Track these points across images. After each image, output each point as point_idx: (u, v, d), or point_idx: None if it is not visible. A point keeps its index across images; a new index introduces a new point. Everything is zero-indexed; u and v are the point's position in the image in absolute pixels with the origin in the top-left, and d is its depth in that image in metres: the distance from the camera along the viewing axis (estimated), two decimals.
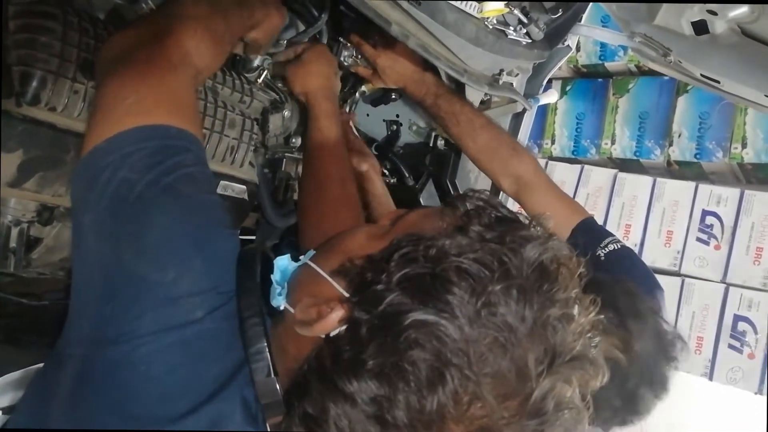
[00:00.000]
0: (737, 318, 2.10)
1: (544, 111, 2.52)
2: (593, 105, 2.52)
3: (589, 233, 1.01)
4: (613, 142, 2.45)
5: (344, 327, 0.50)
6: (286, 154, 1.01)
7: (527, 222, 0.52)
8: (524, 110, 1.46)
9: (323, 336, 0.51)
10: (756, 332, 2.09)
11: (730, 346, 2.09)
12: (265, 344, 0.52)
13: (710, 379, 2.08)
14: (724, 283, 2.14)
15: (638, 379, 0.75)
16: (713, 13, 1.10)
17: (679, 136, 2.31)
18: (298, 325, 0.53)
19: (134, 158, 0.55)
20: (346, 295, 0.51)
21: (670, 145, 2.33)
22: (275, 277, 0.58)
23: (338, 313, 0.50)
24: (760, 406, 2.04)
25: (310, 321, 0.51)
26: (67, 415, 0.53)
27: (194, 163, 0.58)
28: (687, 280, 2.17)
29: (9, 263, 0.74)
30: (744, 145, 2.20)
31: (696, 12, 1.13)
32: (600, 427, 0.75)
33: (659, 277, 2.34)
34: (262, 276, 0.59)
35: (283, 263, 0.59)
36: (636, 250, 2.26)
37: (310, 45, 1.05)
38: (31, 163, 0.69)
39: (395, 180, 1.39)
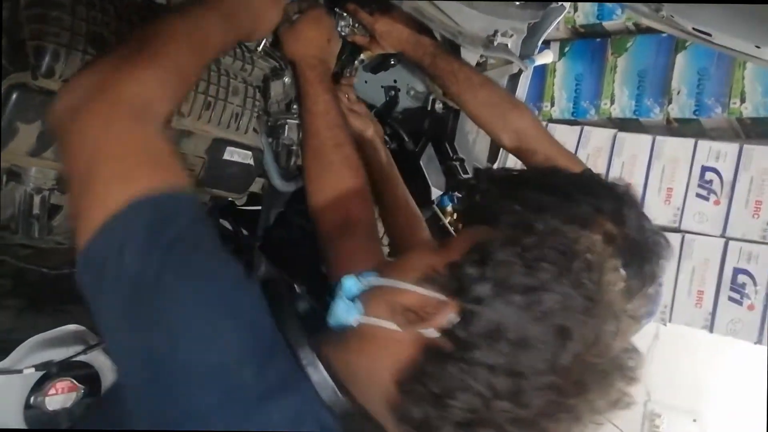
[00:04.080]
0: (737, 271, 2.13)
1: (542, 73, 2.52)
2: (592, 65, 2.52)
3: None
4: (612, 102, 2.45)
5: (455, 321, 0.54)
6: (288, 121, 1.04)
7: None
8: (520, 71, 1.48)
9: (427, 335, 0.54)
10: (755, 284, 2.12)
11: (730, 299, 2.13)
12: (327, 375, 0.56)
13: (711, 331, 2.13)
14: (724, 237, 2.17)
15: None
16: None
17: (678, 93, 2.31)
18: (403, 326, 0.56)
19: (132, 247, 0.52)
20: (444, 297, 0.55)
21: (669, 102, 2.33)
22: (346, 295, 0.61)
23: (449, 307, 0.54)
24: (759, 355, 2.09)
25: (414, 321, 0.55)
26: None
27: (189, 224, 0.55)
28: (687, 235, 2.20)
29: (33, 229, 0.79)
30: (743, 100, 2.20)
31: None
32: None
33: None
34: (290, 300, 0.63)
35: (350, 283, 0.61)
36: None
37: (306, 8, 1.03)
38: (49, 133, 0.73)
39: (395, 145, 1.42)
